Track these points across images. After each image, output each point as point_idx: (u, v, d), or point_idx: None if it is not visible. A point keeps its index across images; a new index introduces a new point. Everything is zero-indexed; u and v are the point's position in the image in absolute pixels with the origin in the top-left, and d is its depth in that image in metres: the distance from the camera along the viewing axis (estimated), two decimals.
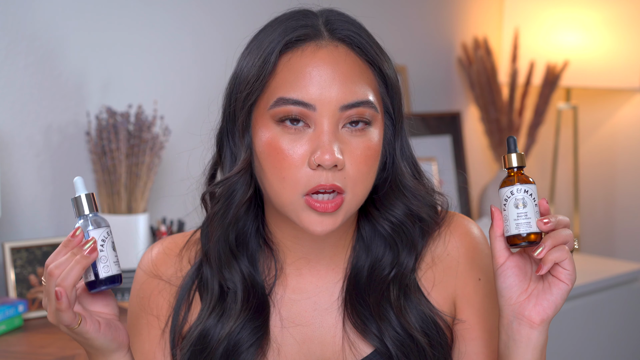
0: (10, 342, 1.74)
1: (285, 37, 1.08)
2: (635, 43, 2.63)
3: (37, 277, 1.90)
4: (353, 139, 1.07)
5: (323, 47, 1.08)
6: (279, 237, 1.16)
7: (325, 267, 1.16)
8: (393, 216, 1.14)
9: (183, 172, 2.19)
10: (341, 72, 1.06)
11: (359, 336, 1.13)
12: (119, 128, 1.96)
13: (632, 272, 2.53)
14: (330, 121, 1.05)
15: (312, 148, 1.05)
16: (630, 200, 2.90)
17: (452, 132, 2.74)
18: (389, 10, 2.67)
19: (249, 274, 1.15)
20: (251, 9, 2.33)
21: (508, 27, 2.81)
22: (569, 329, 2.37)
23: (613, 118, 2.92)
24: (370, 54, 1.10)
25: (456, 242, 1.17)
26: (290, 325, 1.15)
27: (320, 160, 1.03)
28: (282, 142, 1.06)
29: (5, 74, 1.94)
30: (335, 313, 1.15)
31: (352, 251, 1.17)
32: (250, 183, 1.12)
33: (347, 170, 1.06)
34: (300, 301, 1.16)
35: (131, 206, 2.01)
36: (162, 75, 2.19)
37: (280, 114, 1.06)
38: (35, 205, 2.00)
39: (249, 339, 1.12)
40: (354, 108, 1.06)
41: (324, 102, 1.05)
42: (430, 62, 2.77)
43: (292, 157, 1.05)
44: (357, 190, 1.07)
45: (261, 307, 1.14)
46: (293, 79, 1.06)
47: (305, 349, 1.14)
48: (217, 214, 1.13)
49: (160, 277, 1.19)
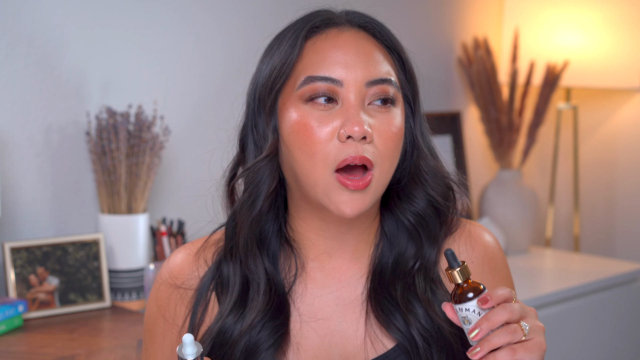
0: (10, 342, 1.74)
1: (310, 23, 1.13)
2: (635, 43, 2.63)
3: (37, 277, 1.90)
4: (379, 115, 1.10)
5: (345, 31, 1.13)
6: (302, 232, 1.16)
7: (348, 262, 1.17)
8: (415, 207, 1.16)
9: (183, 172, 2.21)
10: (364, 52, 1.11)
11: (382, 331, 1.13)
12: (119, 128, 1.96)
13: (632, 272, 2.53)
14: (357, 96, 1.09)
15: (341, 122, 1.08)
16: (630, 200, 2.90)
17: (452, 132, 2.74)
18: (389, 10, 2.66)
19: (271, 272, 1.15)
20: (252, 8, 2.33)
21: (508, 27, 2.81)
22: (569, 329, 2.37)
23: (613, 118, 2.92)
24: (390, 40, 1.15)
25: (480, 251, 1.20)
26: (311, 320, 1.15)
27: (349, 132, 1.06)
28: (311, 119, 1.08)
29: (5, 74, 1.94)
30: (358, 307, 1.16)
31: (376, 248, 1.18)
32: (276, 171, 1.13)
33: (375, 144, 1.08)
34: (323, 296, 1.16)
35: (131, 206, 2.01)
36: (162, 75, 2.19)
37: (309, 92, 1.09)
38: (35, 205, 2.00)
39: (269, 338, 1.12)
40: (379, 84, 1.10)
41: (350, 78, 1.09)
42: (430, 62, 2.77)
43: (322, 132, 1.08)
44: (385, 166, 1.09)
45: (281, 305, 1.15)
46: (319, 59, 1.10)
47: (327, 343, 1.15)
48: (245, 203, 1.14)
49: (176, 285, 1.19)
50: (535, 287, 2.37)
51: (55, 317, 1.90)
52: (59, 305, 1.92)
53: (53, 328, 1.82)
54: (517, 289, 2.30)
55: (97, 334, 1.81)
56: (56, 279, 1.92)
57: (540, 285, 2.38)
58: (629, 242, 2.91)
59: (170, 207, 2.20)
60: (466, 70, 2.79)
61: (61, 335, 1.78)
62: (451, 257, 1.03)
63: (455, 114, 2.76)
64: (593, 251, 2.97)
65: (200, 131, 2.24)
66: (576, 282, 2.40)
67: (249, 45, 2.26)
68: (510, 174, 2.74)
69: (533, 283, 2.44)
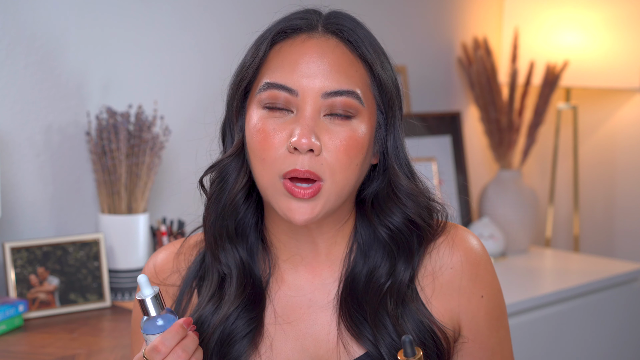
0: (10, 342, 1.74)
1: (279, 27, 1.12)
2: (635, 43, 2.63)
3: (37, 277, 1.91)
4: (334, 127, 1.08)
5: (313, 38, 1.11)
6: (274, 232, 1.17)
7: (321, 265, 1.17)
8: (391, 222, 1.14)
9: (183, 172, 2.21)
10: (328, 61, 1.09)
11: (354, 337, 1.13)
12: (119, 128, 1.97)
13: (632, 272, 2.53)
14: (312, 107, 1.07)
15: (291, 132, 1.07)
16: (630, 200, 2.90)
17: (452, 132, 2.74)
18: (389, 10, 2.67)
19: (247, 263, 1.16)
20: (252, 8, 2.33)
21: (508, 27, 2.81)
22: (568, 329, 2.37)
23: (613, 118, 2.92)
24: (361, 50, 1.11)
25: (460, 257, 1.16)
26: (284, 321, 1.15)
27: (296, 144, 1.05)
28: (266, 125, 1.08)
29: (5, 74, 1.94)
30: (330, 312, 1.15)
31: (349, 252, 1.16)
32: (243, 169, 1.14)
33: (324, 157, 1.07)
34: (296, 297, 1.16)
35: (131, 206, 2.01)
36: (162, 75, 2.19)
37: (265, 98, 1.09)
38: (35, 205, 2.00)
39: (243, 330, 1.13)
40: (336, 96, 1.08)
41: (306, 88, 1.07)
42: (430, 62, 2.77)
43: (273, 139, 1.07)
44: (337, 178, 1.08)
45: (257, 298, 1.15)
46: (279, 66, 1.10)
47: (299, 346, 1.14)
48: (211, 198, 1.16)
49: (159, 282, 1.20)
50: (535, 287, 2.37)
51: (56, 317, 1.90)
52: (59, 305, 1.92)
53: (53, 328, 1.83)
54: (517, 288, 2.30)
55: (98, 333, 1.81)
56: (56, 278, 1.93)
57: (540, 285, 2.39)
58: (629, 242, 2.91)
59: (170, 207, 2.20)
60: (466, 70, 2.79)
61: (61, 335, 1.78)
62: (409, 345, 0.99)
63: (455, 114, 2.76)
64: (593, 251, 2.97)
65: (201, 131, 2.24)
66: (576, 282, 2.40)
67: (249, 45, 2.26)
68: (510, 174, 2.74)
69: (533, 283, 2.44)
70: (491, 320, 1.17)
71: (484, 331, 1.16)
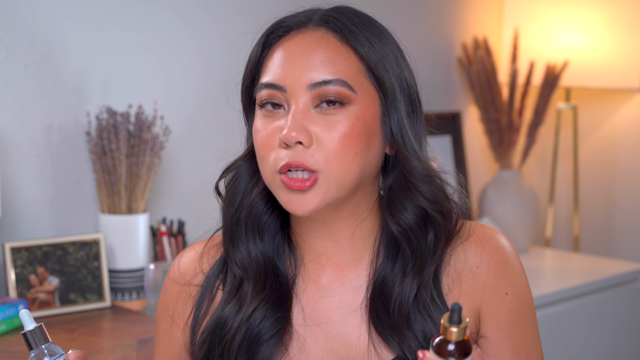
0: (10, 342, 1.74)
1: (270, 29, 1.15)
2: (635, 43, 2.63)
3: (37, 277, 1.91)
4: (325, 117, 1.08)
5: (301, 33, 1.12)
6: (298, 232, 1.17)
7: (347, 265, 1.16)
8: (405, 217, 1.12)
9: (183, 172, 2.21)
10: (312, 53, 1.09)
11: (384, 339, 1.12)
12: (119, 128, 1.97)
13: (631, 272, 2.53)
14: (300, 101, 1.08)
15: (281, 128, 1.08)
16: (630, 200, 2.90)
17: (452, 132, 2.74)
18: (389, 10, 2.67)
19: (269, 262, 1.16)
20: (252, 9, 2.33)
21: (508, 27, 2.81)
22: (569, 329, 2.37)
23: (613, 118, 2.92)
24: (346, 36, 1.10)
25: (487, 256, 1.14)
26: (313, 323, 1.15)
27: (284, 138, 1.06)
28: (263, 123, 1.10)
29: (5, 74, 1.94)
30: (360, 314, 1.14)
31: (376, 255, 1.15)
32: (255, 170, 1.15)
33: (316, 148, 1.07)
34: (325, 298, 1.16)
35: (131, 206, 2.01)
36: (162, 75, 2.19)
37: (259, 98, 1.11)
38: (35, 205, 2.00)
39: (270, 330, 1.13)
40: (322, 86, 1.07)
41: (293, 82, 1.08)
42: (430, 62, 2.77)
43: (269, 137, 1.09)
44: (333, 167, 1.07)
45: (283, 297, 1.15)
46: (272, 65, 1.11)
47: (329, 348, 1.14)
48: (225, 200, 1.17)
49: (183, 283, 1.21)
50: (535, 287, 2.37)
51: (56, 317, 1.90)
52: (59, 305, 1.92)
53: (53, 328, 1.82)
54: None
55: (98, 333, 1.81)
56: (56, 278, 1.93)
57: (540, 285, 2.39)
58: (629, 242, 2.91)
59: (170, 207, 2.20)
60: (466, 70, 2.79)
61: (61, 335, 1.78)
62: (457, 313, 0.94)
63: (455, 114, 2.76)
64: (593, 251, 2.97)
65: (201, 131, 2.24)
66: (576, 282, 2.40)
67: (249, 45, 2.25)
68: (510, 174, 2.74)
69: (533, 283, 2.43)
70: (515, 319, 1.14)
71: (504, 330, 1.14)
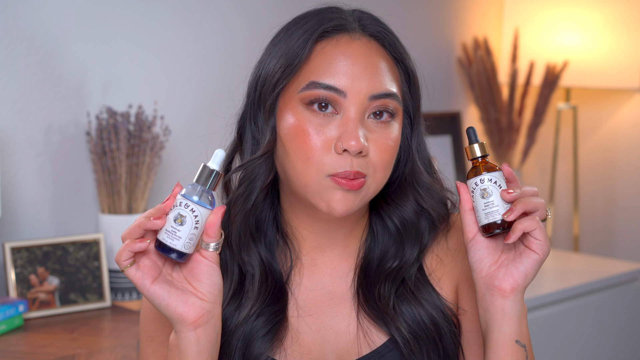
0: (11, 342, 1.74)
1: (322, 26, 1.13)
2: (635, 43, 2.63)
3: (38, 277, 1.91)
4: (378, 128, 1.11)
5: (356, 40, 1.13)
6: (294, 226, 1.19)
7: (338, 257, 1.20)
8: (402, 212, 1.18)
9: (183, 172, 2.20)
10: (372, 64, 1.11)
11: (373, 325, 1.15)
12: (119, 128, 1.97)
13: (631, 272, 2.53)
14: (359, 109, 1.10)
15: (339, 133, 1.09)
16: (630, 200, 2.90)
17: (452, 132, 2.74)
18: (389, 10, 2.66)
19: (267, 260, 1.17)
20: (253, 9, 2.33)
21: (508, 27, 2.81)
22: (569, 329, 2.37)
23: (613, 118, 2.92)
24: (398, 51, 1.16)
25: (456, 239, 1.20)
26: (306, 314, 1.17)
27: (347, 146, 1.07)
28: (309, 125, 1.10)
29: (5, 74, 1.94)
30: (349, 302, 1.18)
31: (364, 243, 1.20)
32: (271, 168, 1.15)
33: (370, 157, 1.10)
34: (316, 291, 1.19)
35: (131, 206, 2.01)
36: (162, 75, 2.19)
37: (310, 97, 1.10)
38: (35, 205, 2.00)
39: (266, 325, 1.14)
40: (382, 99, 1.11)
41: (354, 90, 1.10)
42: (430, 62, 2.77)
43: (318, 140, 1.09)
44: (378, 175, 1.11)
45: (279, 293, 1.17)
46: (326, 65, 1.11)
47: (320, 338, 1.17)
48: (240, 197, 1.16)
49: None
50: (535, 287, 2.37)
51: (56, 317, 1.90)
52: (60, 305, 1.92)
53: (53, 328, 1.83)
54: None
55: (98, 333, 1.81)
56: (56, 278, 1.93)
57: (540, 285, 2.38)
58: (629, 242, 2.91)
59: None
60: (466, 70, 2.79)
61: (61, 335, 1.78)
62: (472, 134, 1.09)
63: (455, 114, 2.76)
64: (593, 251, 2.97)
65: (201, 131, 2.24)
66: (576, 282, 2.40)
67: (249, 45, 2.26)
68: None
69: (533, 283, 2.44)
70: None
71: None
